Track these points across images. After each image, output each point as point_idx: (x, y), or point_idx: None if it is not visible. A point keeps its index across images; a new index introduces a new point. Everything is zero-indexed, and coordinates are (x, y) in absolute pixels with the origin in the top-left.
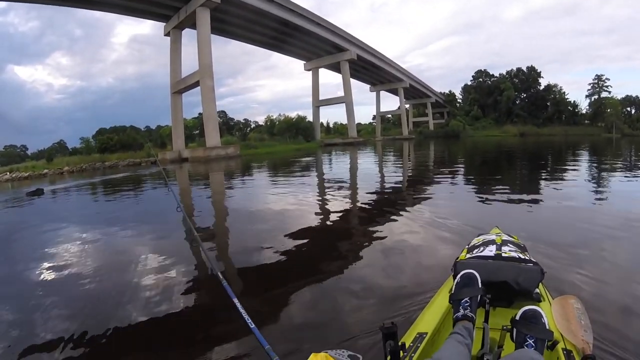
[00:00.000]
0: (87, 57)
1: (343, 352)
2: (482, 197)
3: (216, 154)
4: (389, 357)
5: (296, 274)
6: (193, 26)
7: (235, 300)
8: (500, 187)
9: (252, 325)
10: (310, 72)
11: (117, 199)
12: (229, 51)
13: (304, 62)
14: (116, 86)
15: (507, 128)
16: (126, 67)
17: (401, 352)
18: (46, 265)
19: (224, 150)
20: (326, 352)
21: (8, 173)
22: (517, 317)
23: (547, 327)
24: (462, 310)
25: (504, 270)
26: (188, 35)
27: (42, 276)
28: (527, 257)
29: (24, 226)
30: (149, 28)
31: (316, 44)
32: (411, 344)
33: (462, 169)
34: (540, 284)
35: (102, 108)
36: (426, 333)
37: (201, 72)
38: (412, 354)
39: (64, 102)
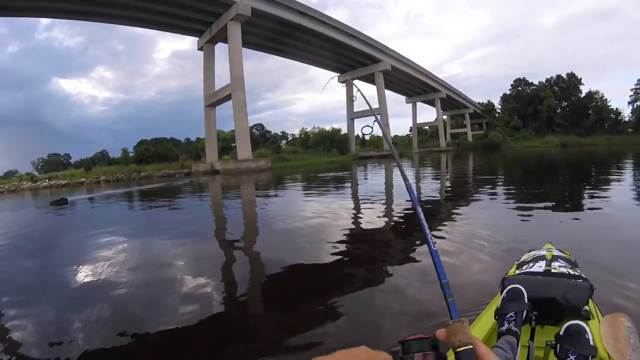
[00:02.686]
0: (130, 72)
1: None
2: (527, 212)
3: (247, 167)
4: None
5: (330, 283)
6: (225, 40)
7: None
8: (548, 201)
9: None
10: (344, 84)
11: (138, 210)
12: (267, 66)
13: (338, 74)
14: (158, 99)
15: (548, 138)
16: (168, 81)
17: None
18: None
19: (255, 163)
20: None
21: (47, 180)
22: (561, 333)
23: (591, 343)
24: (506, 325)
25: (552, 286)
26: (224, 50)
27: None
28: (577, 273)
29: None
30: (189, 44)
31: (349, 55)
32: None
33: (504, 182)
34: (590, 300)
35: (144, 120)
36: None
37: (233, 85)
38: None
39: (107, 113)
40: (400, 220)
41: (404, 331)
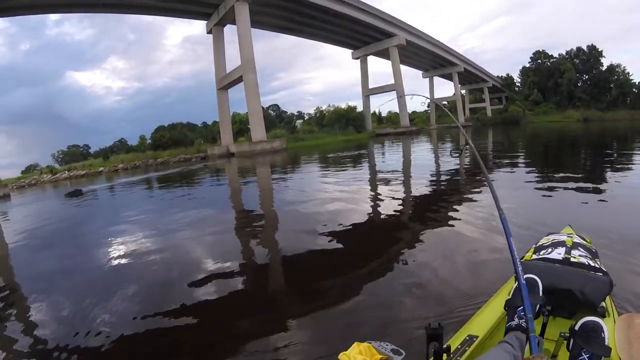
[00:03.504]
0: (142, 60)
1: (387, 345)
2: (547, 192)
3: (261, 148)
4: (431, 359)
5: (348, 264)
6: (234, 22)
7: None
8: (569, 180)
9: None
10: (359, 60)
11: (153, 199)
12: (279, 45)
13: (352, 50)
14: (172, 85)
15: (569, 113)
16: (181, 66)
17: (444, 355)
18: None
19: (269, 144)
20: (369, 343)
21: (66, 172)
22: (577, 328)
23: (606, 344)
24: (516, 320)
25: (570, 277)
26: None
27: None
28: (597, 265)
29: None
30: (200, 28)
31: (362, 30)
32: (459, 346)
33: (524, 159)
34: (607, 296)
35: (160, 106)
36: (477, 337)
37: (243, 67)
38: (459, 357)
39: (123, 102)
40: (421, 201)
41: (424, 313)
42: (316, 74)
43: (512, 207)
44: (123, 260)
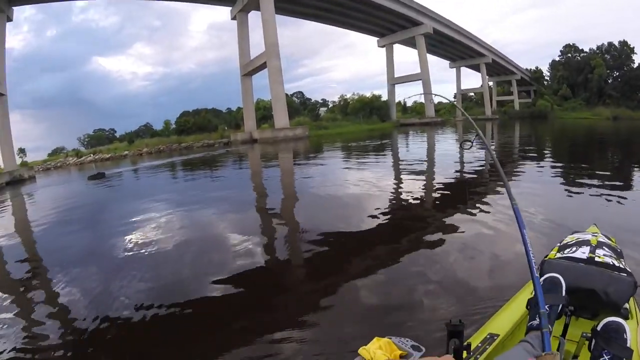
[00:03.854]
0: (168, 46)
1: (407, 340)
2: (575, 189)
3: (284, 135)
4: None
5: (369, 257)
6: (258, 8)
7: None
8: (596, 179)
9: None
10: (384, 48)
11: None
12: (304, 32)
13: (377, 38)
14: (198, 71)
15: (598, 110)
16: (206, 52)
17: (465, 352)
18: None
19: (292, 131)
20: (389, 338)
21: (92, 155)
22: (599, 328)
23: (628, 345)
24: (538, 319)
25: (594, 276)
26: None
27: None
28: (621, 266)
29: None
30: (224, 15)
31: (389, 18)
32: (479, 344)
33: (551, 155)
34: (631, 298)
35: (186, 92)
36: (498, 335)
37: (267, 53)
38: (479, 355)
39: (149, 87)
40: (444, 193)
41: (446, 308)
42: (341, 62)
43: (537, 203)
44: (138, 243)
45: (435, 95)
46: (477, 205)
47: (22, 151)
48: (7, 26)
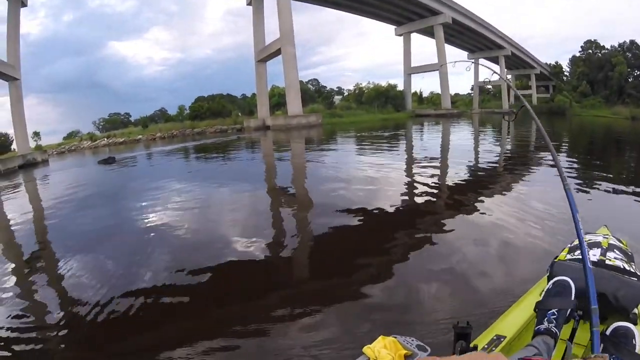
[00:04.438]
0: (184, 31)
1: (412, 340)
2: (588, 189)
3: (297, 123)
4: None
5: (375, 251)
6: None
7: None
8: (612, 181)
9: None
10: (402, 37)
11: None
12: (322, 19)
13: (395, 27)
14: (213, 56)
15: (617, 109)
16: (222, 38)
17: None
18: None
19: (305, 118)
20: (395, 337)
21: (106, 139)
22: (607, 332)
23: (637, 351)
24: (545, 323)
25: (605, 280)
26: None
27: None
28: (632, 270)
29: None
30: (241, 1)
31: (407, 6)
32: (485, 346)
33: (567, 153)
34: None
35: (201, 77)
36: (504, 337)
37: (282, 39)
38: None
39: (164, 72)
40: (457, 187)
41: (454, 308)
42: (357, 50)
43: (550, 203)
44: (139, 226)
45: (457, 62)
46: (488, 201)
47: (37, 134)
48: (22, 11)
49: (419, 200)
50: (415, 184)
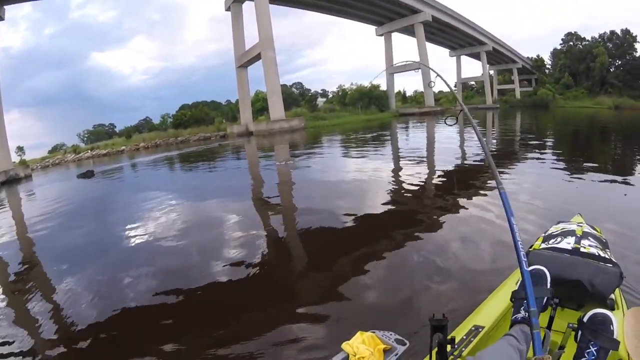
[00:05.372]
0: (168, 39)
1: (391, 334)
2: (569, 179)
3: (279, 127)
4: (435, 350)
5: (361, 246)
6: None
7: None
8: (595, 171)
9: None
10: (383, 37)
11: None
12: (305, 22)
13: (375, 27)
14: (198, 63)
15: (600, 99)
16: (206, 45)
17: (449, 346)
18: None
19: (288, 123)
20: (373, 332)
21: (89, 151)
22: (585, 319)
23: (615, 337)
24: (522, 312)
25: (580, 267)
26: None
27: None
28: (607, 256)
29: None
30: (222, 7)
31: (386, 6)
32: (464, 337)
33: (552, 145)
34: (617, 289)
35: (186, 85)
36: (483, 327)
37: (262, 44)
38: (463, 348)
39: (149, 81)
40: (441, 184)
41: (434, 303)
42: (341, 53)
43: (525, 190)
44: (109, 239)
45: (437, 74)
46: (471, 194)
47: (20, 149)
48: (2, 25)
49: (404, 200)
50: (400, 185)
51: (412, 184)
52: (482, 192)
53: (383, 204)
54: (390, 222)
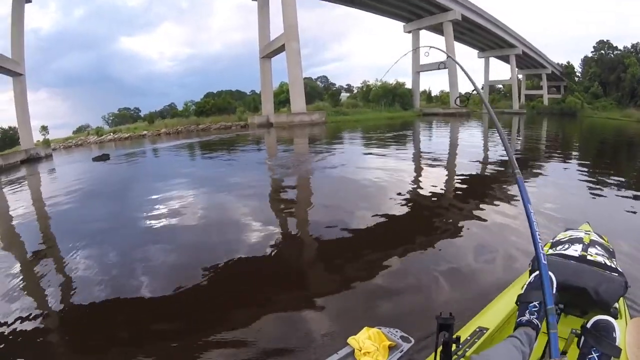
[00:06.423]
0: (195, 26)
1: (396, 331)
2: (594, 191)
3: (299, 120)
4: (440, 348)
5: (379, 247)
6: None
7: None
8: (616, 184)
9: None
10: (410, 34)
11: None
12: (333, 15)
13: (404, 23)
14: (223, 52)
15: (629, 112)
16: (232, 34)
17: (454, 345)
18: None
19: (308, 116)
20: (379, 329)
21: (112, 134)
22: (588, 325)
23: (617, 344)
24: (527, 315)
25: (586, 275)
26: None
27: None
28: (613, 265)
29: None
30: None
31: (416, 3)
32: (468, 337)
33: (578, 156)
34: (621, 298)
35: (211, 73)
36: (487, 329)
37: (286, 35)
38: (467, 348)
39: (175, 67)
40: (462, 189)
41: (441, 303)
42: (367, 48)
43: (538, 196)
44: (110, 225)
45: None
46: (489, 204)
47: (44, 129)
48: (33, 6)
49: (421, 203)
50: (420, 189)
51: (433, 187)
52: (502, 198)
53: (401, 205)
54: (408, 225)
